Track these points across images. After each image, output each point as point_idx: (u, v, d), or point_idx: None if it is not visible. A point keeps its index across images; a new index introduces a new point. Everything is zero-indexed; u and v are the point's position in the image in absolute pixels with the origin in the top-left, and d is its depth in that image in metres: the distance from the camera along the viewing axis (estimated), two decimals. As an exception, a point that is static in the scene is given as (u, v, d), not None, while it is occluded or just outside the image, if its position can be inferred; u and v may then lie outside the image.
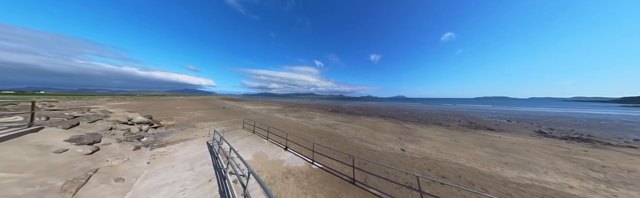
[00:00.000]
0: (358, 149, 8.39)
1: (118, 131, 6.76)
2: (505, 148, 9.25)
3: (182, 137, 8.53)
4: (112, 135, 6.06)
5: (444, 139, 10.93)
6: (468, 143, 10.17)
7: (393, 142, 9.90)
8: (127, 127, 7.62)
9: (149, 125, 10.88)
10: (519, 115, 26.89)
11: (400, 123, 17.76)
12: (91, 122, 6.78)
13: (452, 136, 11.91)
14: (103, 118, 7.95)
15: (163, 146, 6.40)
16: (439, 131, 13.75)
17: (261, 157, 5.51)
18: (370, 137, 11.15)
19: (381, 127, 15.13)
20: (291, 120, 18.09)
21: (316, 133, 12.03)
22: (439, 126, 16.36)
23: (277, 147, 6.59)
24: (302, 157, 5.78)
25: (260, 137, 7.93)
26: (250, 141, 7.30)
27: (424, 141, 10.32)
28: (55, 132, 4.59)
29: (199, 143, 6.67)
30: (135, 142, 6.23)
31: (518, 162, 7.17)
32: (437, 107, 46.86)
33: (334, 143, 9.47)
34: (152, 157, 4.99)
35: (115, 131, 6.65)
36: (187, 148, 6.06)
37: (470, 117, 24.06)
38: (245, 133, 8.73)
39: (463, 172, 6.08)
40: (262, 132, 9.43)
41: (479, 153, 8.28)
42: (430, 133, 12.64)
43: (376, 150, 8.38)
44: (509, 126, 17.19)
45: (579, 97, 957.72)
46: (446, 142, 10.16)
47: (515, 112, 34.51)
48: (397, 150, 8.48)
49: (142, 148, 5.68)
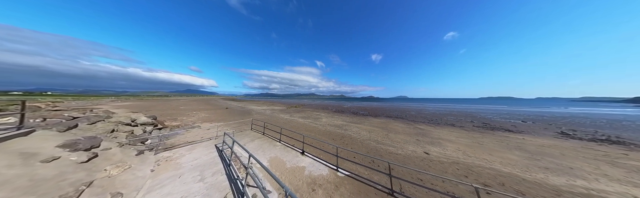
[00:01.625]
0: (378, 152, 7.72)
1: (120, 133, 6.21)
2: (536, 151, 8.50)
3: (188, 138, 7.97)
4: (114, 139, 5.50)
5: (465, 141, 10.21)
6: (493, 145, 9.44)
7: (412, 144, 9.21)
8: (130, 129, 7.08)
9: (153, 126, 10.37)
10: (532, 116, 25.91)
11: (411, 124, 17.02)
12: (91, 124, 6.24)
13: (472, 138, 11.18)
14: (105, 120, 7.42)
15: (168, 149, 5.83)
16: (455, 132, 13.01)
17: (278, 164, 4.90)
18: (385, 138, 10.48)
19: (393, 128, 14.43)
20: (298, 121, 17.48)
21: (327, 134, 11.39)
22: (452, 127, 15.60)
23: (293, 151, 5.96)
24: (324, 162, 5.16)
25: (272, 140, 7.32)
26: (261, 144, 6.69)
27: (445, 143, 9.62)
28: (48, 136, 4.03)
29: (207, 147, 6.08)
30: (138, 145, 5.66)
31: (559, 167, 6.45)
32: (443, 108, 45.84)
33: (351, 146, 8.82)
34: (157, 164, 4.41)
35: (117, 133, 6.10)
36: (194, 152, 5.47)
37: (482, 118, 23.20)
38: (255, 135, 8.13)
39: (504, 179, 5.38)
40: (273, 134, 8.83)
41: (510, 156, 7.56)
42: (447, 135, 11.93)
43: (397, 153, 7.70)
44: (526, 127, 16.34)
45: (588, 97, 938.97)
46: (469, 145, 9.45)
47: (526, 112, 33.44)
48: (420, 153, 7.80)
49: (146, 152, 5.11)
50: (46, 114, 6.52)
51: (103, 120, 7.14)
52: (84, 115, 7.16)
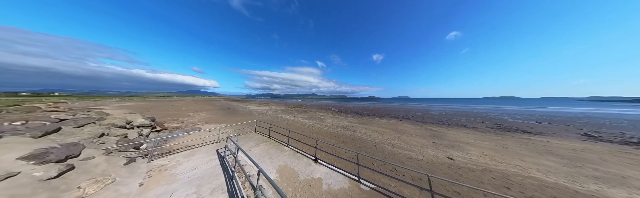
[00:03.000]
0: (397, 158, 6.96)
1: (110, 138, 5.52)
2: (570, 156, 7.67)
3: (188, 142, 7.30)
4: (101, 144, 4.81)
5: (487, 144, 9.40)
6: (519, 149, 8.62)
7: (430, 148, 8.43)
8: (124, 132, 6.40)
9: (151, 128, 9.72)
10: (544, 116, 24.89)
11: (420, 125, 16.20)
12: (78, 127, 5.57)
13: (492, 140, 10.36)
14: (95, 122, 6.77)
15: (164, 156, 5.14)
16: (471, 134, 12.18)
17: (289, 175, 4.17)
18: (399, 141, 9.70)
19: (403, 129, 13.63)
20: (302, 122, 16.76)
21: (335, 136, 10.65)
22: (465, 128, 14.77)
23: (304, 158, 5.24)
24: (342, 172, 4.42)
25: (279, 144, 6.60)
26: (268, 149, 5.97)
27: (466, 147, 8.82)
28: (15, 144, 3.37)
29: (207, 153, 5.38)
30: (130, 151, 4.98)
31: (610, 176, 5.63)
32: (448, 108, 44.76)
33: (365, 150, 8.06)
34: (148, 175, 3.72)
35: (106, 138, 5.41)
36: (193, 159, 4.78)
37: (492, 118, 22.28)
38: (260, 138, 7.42)
39: (554, 192, 4.59)
40: (280, 137, 8.12)
41: (546, 162, 6.74)
42: (464, 137, 11.12)
43: (418, 158, 6.93)
44: (544, 128, 15.43)
45: (596, 97, 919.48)
46: (493, 148, 8.64)
47: (535, 112, 32.35)
48: (443, 158, 7.02)
49: (138, 160, 4.42)
50: (29, 116, 5.90)
51: (94, 122, 6.47)
52: (73, 116, 6.52)
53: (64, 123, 5.55)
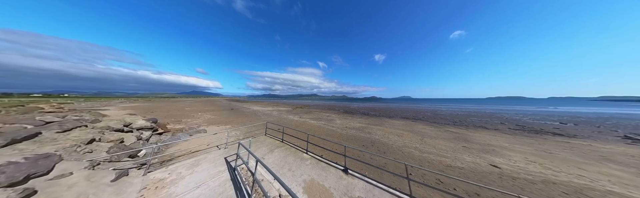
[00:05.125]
0: (433, 165, 5.98)
1: (102, 144, 4.66)
2: (634, 163, 6.60)
3: (192, 147, 6.47)
4: (86, 154, 3.91)
5: (525, 149, 8.34)
6: (566, 154, 7.55)
7: (464, 153, 7.43)
8: (120, 137, 5.57)
9: (152, 131, 8.93)
10: (565, 117, 23.50)
11: (437, 126, 15.13)
12: (63, 132, 4.73)
13: (527, 144, 9.30)
14: (88, 125, 5.97)
15: (164, 165, 4.30)
16: (498, 137, 11.10)
17: (322, 193, 3.25)
18: (425, 145, 8.71)
19: (421, 131, 12.61)
20: (310, 123, 15.87)
21: (352, 139, 9.71)
22: (486, 130, 13.66)
23: (331, 169, 4.32)
24: (384, 187, 3.49)
25: (297, 150, 5.69)
26: (284, 156, 5.07)
27: (503, 151, 7.79)
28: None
29: (214, 162, 4.51)
30: (124, 161, 4.13)
31: None
32: (456, 108, 43.26)
33: (392, 156, 7.10)
34: (141, 195, 2.85)
35: (96, 145, 4.53)
36: (197, 171, 3.91)
37: (509, 119, 21.06)
38: (272, 143, 6.53)
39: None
40: (292, 140, 7.22)
41: (613, 172, 5.69)
42: (493, 140, 10.06)
43: (457, 166, 5.95)
44: (574, 130, 14.22)
45: (608, 97, 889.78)
46: (535, 153, 7.59)
47: (551, 112, 30.87)
48: (486, 166, 6.02)
49: (132, 172, 3.58)
50: (8, 119, 5.16)
51: (85, 125, 5.66)
52: (62, 119, 5.75)
53: (47, 127, 4.76)
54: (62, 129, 4.80)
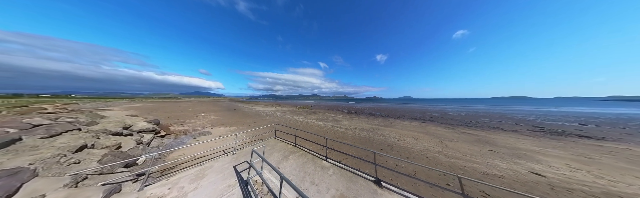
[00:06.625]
0: (467, 173, 5.29)
1: (94, 152, 4.00)
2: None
3: (196, 152, 5.89)
4: (71, 166, 3.21)
5: (559, 153, 7.59)
6: (611, 160, 6.80)
7: (494, 158, 6.72)
8: (117, 142, 4.95)
9: (154, 133, 8.37)
10: (582, 118, 22.50)
11: (451, 127, 14.36)
12: (49, 137, 4.09)
13: (558, 147, 8.55)
14: (82, 128, 5.40)
15: (165, 176, 3.70)
16: (522, 139, 10.34)
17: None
18: (447, 148, 8.00)
19: (437, 133, 11.88)
20: (317, 124, 15.23)
21: (366, 142, 9.03)
22: (504, 132, 12.88)
23: (360, 180, 3.67)
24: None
25: (314, 156, 5.05)
26: (302, 165, 4.43)
27: (536, 156, 7.06)
28: None
29: (222, 172, 3.89)
30: (118, 172, 3.51)
31: None
32: (463, 109, 42.16)
33: (415, 161, 6.41)
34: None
35: (88, 153, 3.86)
36: (203, 184, 3.30)
37: (522, 120, 20.20)
38: (284, 147, 5.88)
39: None
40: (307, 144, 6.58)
41: (678, 183, 4.92)
42: (517, 143, 9.34)
43: (494, 174, 5.25)
44: (599, 132, 13.37)
45: (618, 96, 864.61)
46: (575, 159, 6.84)
47: (564, 113, 29.81)
48: (527, 174, 5.32)
49: (126, 186, 2.98)
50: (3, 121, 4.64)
51: (79, 128, 5.08)
52: (54, 121, 5.17)
53: (32, 131, 4.18)
54: (49, 134, 4.16)
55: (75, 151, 3.81)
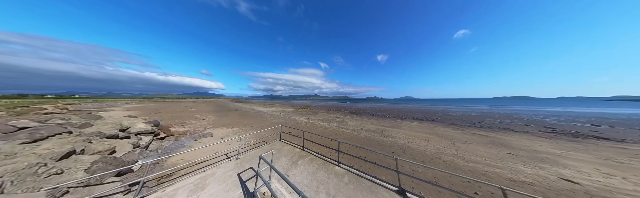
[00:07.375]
0: (492, 179, 4.84)
1: (83, 158, 3.55)
2: None
3: (197, 156, 5.49)
4: (51, 177, 2.67)
5: (583, 156, 7.11)
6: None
7: (515, 162, 6.26)
8: (110, 146, 4.51)
9: (153, 135, 7.99)
10: (593, 118, 21.91)
11: (459, 128, 13.87)
12: (32, 142, 3.63)
13: (579, 150, 8.08)
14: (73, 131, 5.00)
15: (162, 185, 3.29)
16: (537, 141, 9.86)
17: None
18: (461, 151, 7.55)
19: (446, 134, 11.41)
20: (320, 125, 14.81)
21: (375, 144, 8.59)
22: (516, 133, 12.39)
23: (381, 190, 3.24)
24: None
25: (325, 162, 4.62)
26: (313, 171, 4.01)
27: (560, 160, 6.59)
28: None
29: (224, 180, 3.49)
30: (107, 183, 3.06)
31: None
32: (467, 109, 41.50)
33: (433, 166, 5.96)
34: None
35: (75, 160, 3.38)
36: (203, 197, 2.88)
37: (530, 120, 19.69)
38: (292, 151, 5.46)
39: None
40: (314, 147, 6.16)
41: None
42: (534, 145, 8.87)
43: (522, 180, 4.79)
44: (615, 133, 12.87)
45: (623, 96, 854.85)
46: (603, 163, 6.37)
47: (573, 113, 29.18)
48: (557, 180, 4.86)
49: (117, 198, 2.55)
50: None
51: (69, 132, 4.67)
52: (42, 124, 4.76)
53: (13, 136, 3.77)
54: (32, 138, 3.69)
55: (59, 158, 3.36)
